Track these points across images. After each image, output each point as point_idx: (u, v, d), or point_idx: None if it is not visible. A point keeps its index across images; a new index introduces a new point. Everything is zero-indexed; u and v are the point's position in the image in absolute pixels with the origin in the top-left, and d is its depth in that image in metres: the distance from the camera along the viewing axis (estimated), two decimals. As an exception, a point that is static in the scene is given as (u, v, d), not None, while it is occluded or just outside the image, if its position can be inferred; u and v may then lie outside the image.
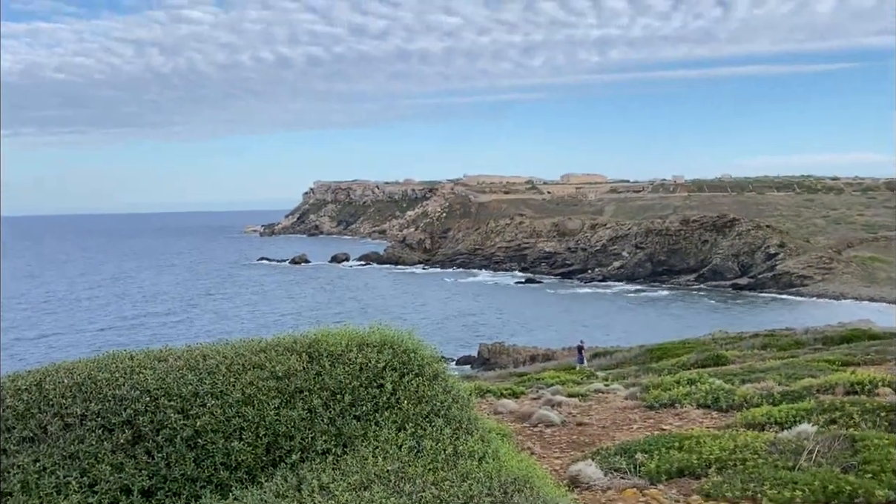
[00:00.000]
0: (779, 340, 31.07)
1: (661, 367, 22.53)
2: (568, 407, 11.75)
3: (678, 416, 9.86)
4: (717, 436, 7.18)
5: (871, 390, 10.13)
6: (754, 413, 8.57)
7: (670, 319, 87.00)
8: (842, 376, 11.05)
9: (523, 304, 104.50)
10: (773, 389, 10.68)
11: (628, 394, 12.69)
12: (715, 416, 9.60)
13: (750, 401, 9.78)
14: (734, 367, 19.60)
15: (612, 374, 21.49)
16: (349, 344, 4.70)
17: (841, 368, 14.86)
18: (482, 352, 61.82)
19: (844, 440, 6.28)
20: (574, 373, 23.76)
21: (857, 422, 7.65)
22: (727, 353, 24.91)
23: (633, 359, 29.94)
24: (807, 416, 7.99)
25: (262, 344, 4.84)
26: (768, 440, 6.76)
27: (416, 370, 4.63)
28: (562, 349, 57.56)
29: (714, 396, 10.18)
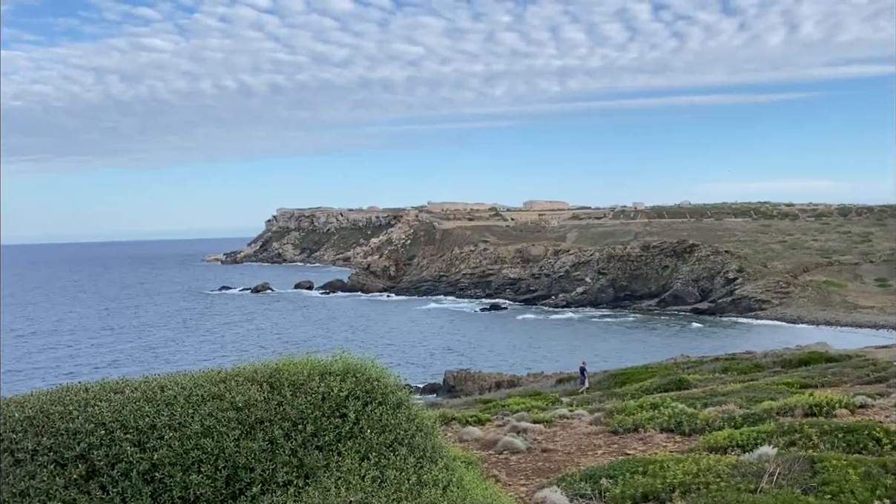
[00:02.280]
0: (739, 364, 31.52)
1: (625, 391, 22.66)
2: (533, 433, 11.73)
3: (642, 440, 9.91)
4: (681, 459, 7.22)
5: (828, 412, 10.31)
6: (717, 436, 8.65)
7: (633, 344, 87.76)
8: (800, 398, 11.23)
9: (488, 330, 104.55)
10: (734, 412, 10.81)
11: (593, 419, 12.72)
12: (678, 440, 9.66)
13: (712, 424, 9.88)
14: (696, 390, 19.80)
15: (577, 400, 21.53)
16: (311, 373, 4.64)
17: (799, 391, 15.11)
18: (448, 379, 61.52)
19: (804, 462, 6.36)
20: (539, 398, 23.75)
21: (816, 443, 7.76)
22: (689, 377, 25.17)
23: (597, 384, 30.06)
24: (767, 438, 8.09)
25: (221, 374, 4.75)
26: (731, 463, 6.82)
27: (380, 399, 4.58)
28: (527, 375, 57.62)
29: (677, 420, 10.25)
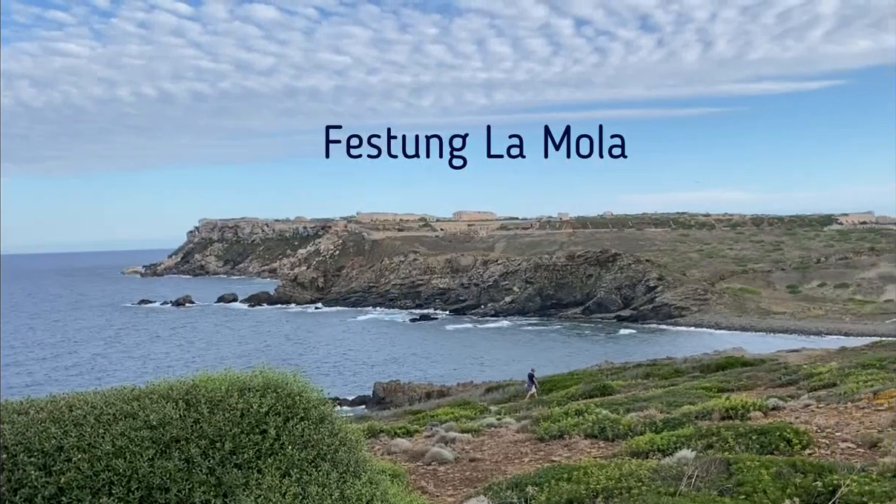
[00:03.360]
0: (660, 369, 32.42)
1: (551, 398, 22.98)
2: (461, 443, 11.74)
3: (567, 446, 10.05)
4: (604, 465, 7.35)
5: (743, 415, 10.71)
6: (638, 441, 8.85)
7: (560, 352, 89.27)
8: (718, 402, 11.62)
9: (418, 340, 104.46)
10: (655, 417, 11.10)
11: (520, 427, 12.84)
12: (602, 446, 9.84)
13: (634, 429, 10.11)
14: (620, 396, 20.27)
15: (505, 408, 21.71)
16: (230, 389, 4.50)
17: (717, 395, 15.66)
18: (377, 391, 61.10)
19: (720, 464, 6.57)
20: (468, 408, 23.82)
21: (732, 445, 8.04)
22: (613, 383, 25.75)
23: (524, 392, 30.37)
24: (686, 442, 8.32)
25: (134, 392, 4.56)
26: (652, 467, 6.98)
27: (302, 414, 4.48)
28: (457, 385, 57.78)
29: (601, 426, 10.45)
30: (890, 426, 8.80)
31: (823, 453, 7.84)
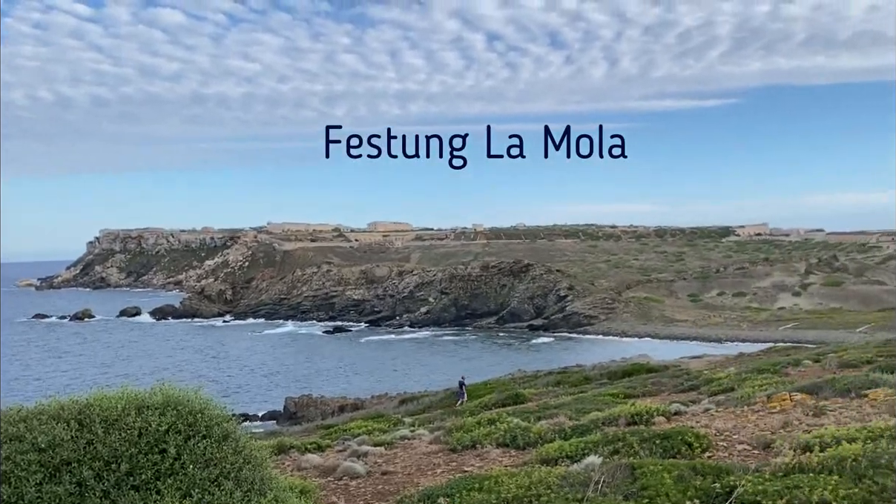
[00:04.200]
0: (570, 377, 33.18)
1: (464, 408, 23.10)
2: (374, 456, 11.63)
3: (479, 456, 10.11)
4: (515, 474, 7.42)
5: (648, 420, 11.06)
6: (548, 449, 8.99)
7: (474, 361, 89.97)
8: (624, 408, 11.96)
9: (332, 353, 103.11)
10: (564, 424, 11.32)
11: (433, 438, 12.83)
12: (514, 454, 9.95)
13: (545, 437, 10.27)
14: (531, 404, 20.58)
15: (419, 420, 21.68)
16: (127, 407, 4.30)
17: (623, 401, 16.11)
18: (289, 406, 59.86)
19: (625, 469, 6.75)
20: (382, 421, 23.66)
21: (637, 450, 8.28)
22: (525, 391, 26.14)
23: (439, 402, 30.47)
24: (594, 448, 8.52)
25: (22, 413, 4.29)
26: (560, 474, 7.10)
27: (204, 432, 4.33)
28: (371, 397, 57.33)
29: (512, 435, 10.57)
30: (782, 428, 9.28)
31: (722, 455, 8.18)
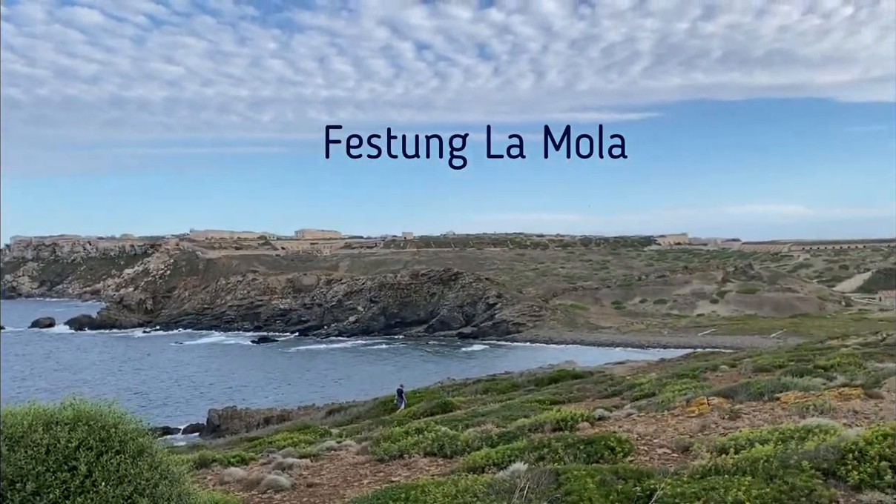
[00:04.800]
0: (498, 384, 33.46)
1: (393, 418, 22.99)
2: (299, 469, 11.42)
3: (407, 466, 10.06)
4: (441, 482, 7.42)
5: (573, 426, 11.24)
6: (475, 457, 9.03)
7: (404, 370, 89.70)
8: (549, 415, 12.13)
9: (258, 364, 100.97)
10: (492, 432, 11.39)
11: (360, 448, 12.70)
12: (441, 463, 9.94)
13: (472, 445, 10.30)
14: (460, 412, 20.65)
15: (347, 430, 21.44)
16: (34, 423, 4.08)
17: (549, 407, 16.35)
18: (212, 418, 58.26)
19: (550, 475, 6.84)
20: (309, 432, 23.27)
21: (562, 456, 8.40)
22: (454, 399, 26.20)
23: (367, 412, 30.22)
24: (520, 454, 8.60)
25: (-84, 432, 4.02)
26: (486, 482, 7.13)
27: (118, 447, 4.15)
28: (298, 408, 56.37)
29: (440, 444, 10.56)
30: (699, 431, 9.59)
31: (643, 459, 8.38)
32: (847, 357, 20.88)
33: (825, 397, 10.52)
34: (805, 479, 5.87)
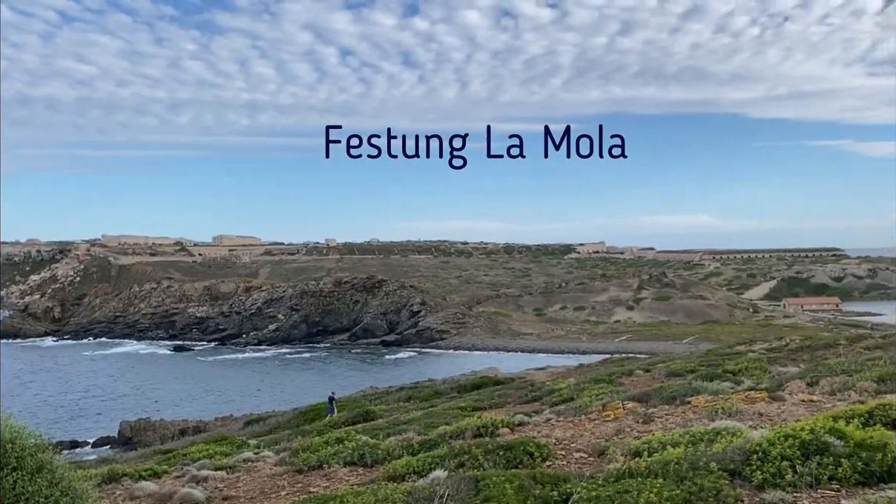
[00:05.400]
0: (421, 392, 33.45)
1: (313, 428, 22.65)
2: (215, 481, 11.10)
3: (326, 476, 9.92)
4: (361, 492, 7.35)
5: (493, 432, 11.34)
6: (396, 465, 8.98)
7: (325, 379, 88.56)
8: (470, 421, 12.20)
9: (173, 374, 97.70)
10: (413, 440, 11.36)
11: (278, 459, 12.44)
12: (361, 472, 9.84)
13: (393, 453, 10.25)
14: (382, 421, 20.54)
15: (265, 441, 20.98)
16: (-80, 440, 3.82)
17: (471, 414, 16.45)
18: (124, 430, 56.05)
19: (469, 481, 6.88)
20: (225, 443, 22.65)
21: (482, 462, 8.45)
22: (376, 408, 26.04)
23: (286, 422, 29.66)
24: (441, 462, 8.61)
25: None
26: (406, 490, 7.11)
27: (15, 463, 3.93)
28: (215, 419, 54.86)
29: (360, 453, 10.46)
30: (615, 435, 9.84)
31: (560, 464, 8.53)
32: (753, 362, 21.84)
33: (733, 401, 10.97)
34: (713, 479, 6.10)
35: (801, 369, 17.32)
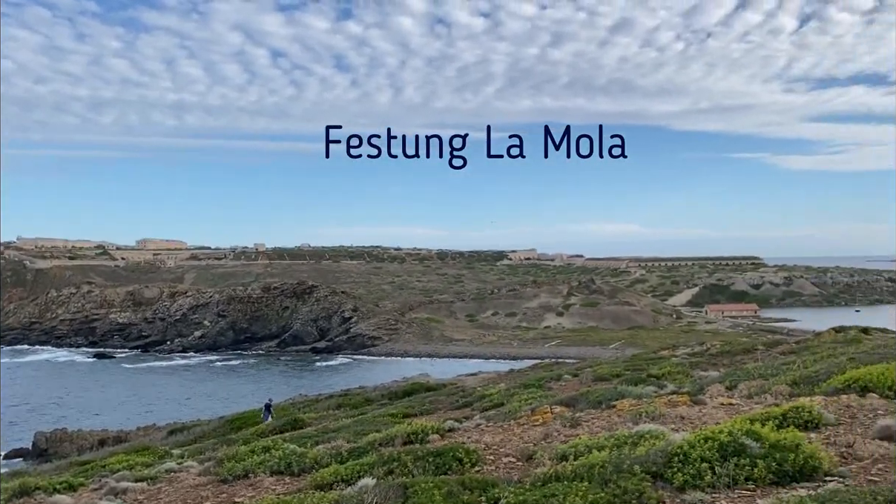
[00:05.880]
0: (352, 399, 33.16)
1: (240, 437, 22.15)
2: (134, 493, 10.72)
3: (252, 486, 9.70)
4: (287, 502, 7.23)
5: (423, 438, 11.31)
6: (324, 473, 8.85)
7: (253, 387, 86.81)
8: (400, 428, 12.14)
9: (93, 382, 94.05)
10: (342, 448, 11.23)
11: (202, 469, 12.10)
12: (288, 482, 9.66)
13: (321, 462, 10.10)
14: (310, 429, 20.24)
15: (189, 451, 20.38)
16: None
17: (401, 421, 16.39)
18: (38, 442, 53.60)
19: (397, 488, 6.84)
20: (147, 454, 21.90)
21: (411, 469, 8.41)
22: (305, 416, 25.66)
23: (212, 431, 28.93)
24: (369, 470, 8.52)
25: None
26: (333, 499, 7.02)
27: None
28: (137, 429, 53.10)
29: (287, 462, 10.28)
30: (543, 440, 9.95)
31: (489, 469, 8.57)
32: (676, 366, 22.52)
33: (656, 404, 11.26)
34: (636, 482, 6.24)
35: (721, 374, 17.94)
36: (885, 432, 7.42)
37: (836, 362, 13.97)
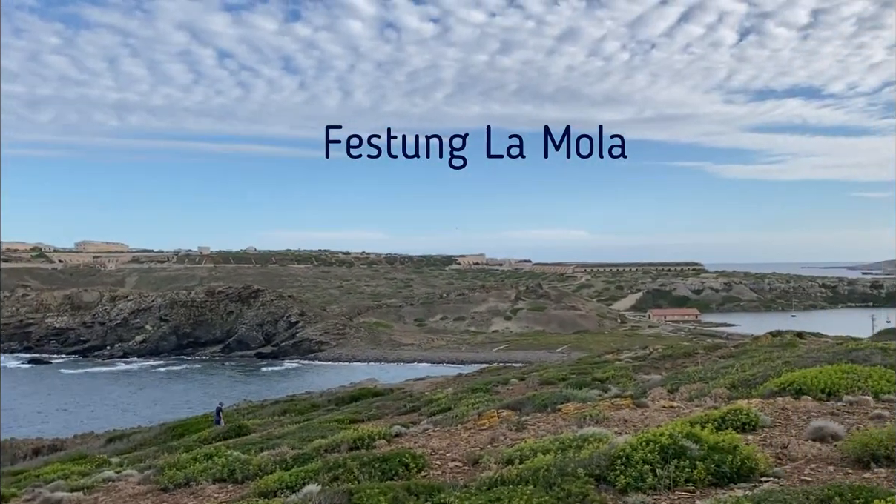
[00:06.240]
0: (298, 405, 32.76)
1: (181, 444, 21.64)
2: (70, 503, 10.39)
3: (193, 494, 9.49)
4: (230, 510, 7.09)
5: (369, 444, 11.24)
6: (268, 481, 8.72)
7: (199, 393, 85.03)
8: (347, 434, 12.04)
9: (28, 389, 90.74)
10: (286, 454, 11.07)
11: (142, 478, 11.79)
12: (231, 489, 9.49)
13: (265, 468, 9.95)
14: (255, 435, 19.92)
15: (129, 459, 19.83)
16: None
17: (348, 426, 16.26)
18: (-33, 452, 51.26)
19: (343, 495, 6.78)
20: (84, 462, 21.24)
21: (357, 475, 8.35)
22: (249, 422, 25.24)
23: (153, 439, 28.20)
24: (314, 476, 8.43)
25: None
26: (276, 506, 6.92)
27: None
28: (74, 437, 51.34)
29: (230, 469, 10.09)
30: (489, 444, 10.00)
31: (436, 474, 8.56)
32: (620, 370, 22.92)
33: (600, 408, 11.43)
34: (580, 485, 6.32)
35: (663, 377, 18.33)
36: (818, 433, 7.69)
37: (772, 366, 14.41)
